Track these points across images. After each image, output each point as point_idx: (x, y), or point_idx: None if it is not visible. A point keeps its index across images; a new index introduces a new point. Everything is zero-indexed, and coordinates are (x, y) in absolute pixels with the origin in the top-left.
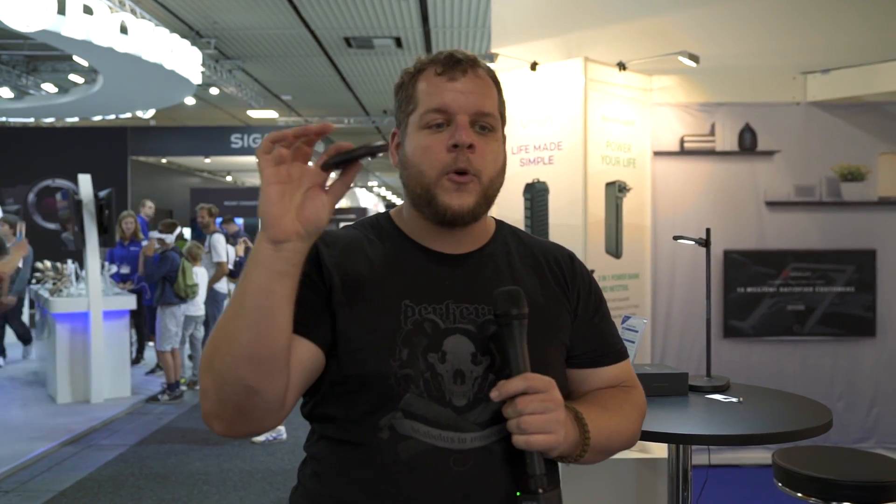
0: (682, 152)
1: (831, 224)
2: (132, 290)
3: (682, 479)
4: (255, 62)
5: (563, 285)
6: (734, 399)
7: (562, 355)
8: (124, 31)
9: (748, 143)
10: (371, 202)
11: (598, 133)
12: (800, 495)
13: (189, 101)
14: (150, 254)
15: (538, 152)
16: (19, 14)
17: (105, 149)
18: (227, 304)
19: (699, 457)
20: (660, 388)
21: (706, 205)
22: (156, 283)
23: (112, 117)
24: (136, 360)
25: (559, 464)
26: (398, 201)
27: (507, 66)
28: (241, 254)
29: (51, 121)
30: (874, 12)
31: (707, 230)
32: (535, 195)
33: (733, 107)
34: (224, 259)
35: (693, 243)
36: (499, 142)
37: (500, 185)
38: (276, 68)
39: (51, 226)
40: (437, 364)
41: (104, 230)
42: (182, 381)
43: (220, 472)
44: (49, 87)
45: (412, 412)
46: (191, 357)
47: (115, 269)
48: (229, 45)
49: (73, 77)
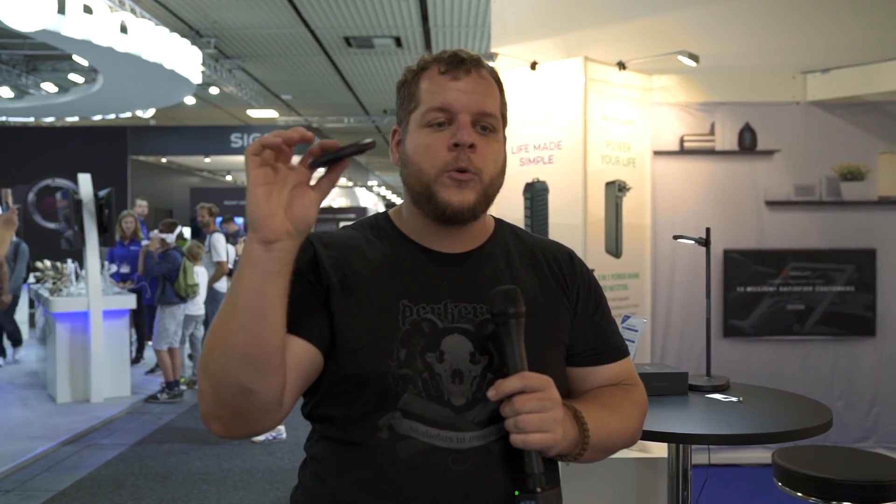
0: (682, 152)
1: (831, 223)
2: (132, 290)
3: (682, 478)
4: (254, 62)
5: (563, 284)
6: (734, 398)
7: (561, 354)
8: (124, 30)
9: (748, 143)
10: (371, 201)
11: (598, 132)
12: (800, 495)
13: (189, 100)
14: (153, 250)
15: (538, 152)
16: (19, 13)
17: (105, 148)
18: (222, 305)
19: (699, 456)
20: (660, 387)
21: (706, 204)
22: (157, 281)
23: (112, 117)
24: (136, 359)
25: (559, 463)
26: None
27: (507, 65)
28: (240, 253)
29: (51, 120)
30: (874, 12)
31: (707, 230)
32: (535, 195)
33: (733, 106)
34: (224, 258)
35: (693, 243)
36: (499, 142)
37: (499, 185)
38: (276, 68)
39: (50, 225)
40: (436, 364)
41: (104, 230)
42: (182, 380)
43: (220, 472)
44: (49, 87)
45: (411, 412)
46: (191, 356)
47: (114, 268)
48: (229, 45)
49: (73, 76)
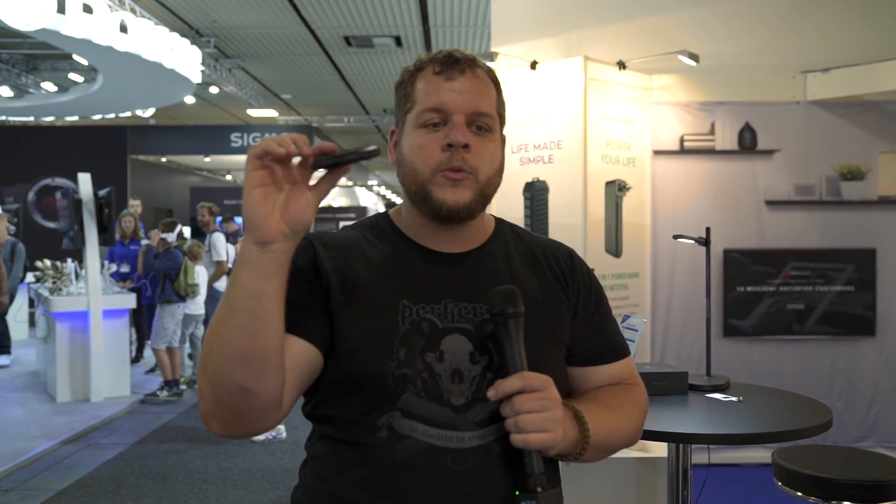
0: (682, 151)
1: (831, 223)
2: (132, 289)
3: (682, 478)
4: (254, 61)
5: (563, 283)
6: (734, 398)
7: (561, 353)
8: (124, 29)
9: (748, 142)
10: (371, 201)
11: (598, 132)
12: (800, 494)
13: (189, 99)
14: (158, 249)
15: (538, 151)
16: (19, 13)
17: (105, 147)
18: (219, 305)
19: (699, 456)
20: (660, 387)
21: (706, 204)
22: (157, 279)
23: (112, 116)
24: (136, 358)
25: (559, 462)
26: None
27: (507, 64)
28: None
29: (50, 120)
30: (874, 11)
31: (707, 229)
32: (535, 194)
33: (733, 106)
34: (224, 258)
35: (693, 242)
36: (496, 142)
37: (497, 185)
38: (276, 67)
39: (50, 224)
40: (435, 363)
41: (104, 229)
42: (182, 379)
43: (220, 471)
44: (49, 86)
45: (410, 411)
46: (191, 356)
47: (114, 267)
48: (229, 44)
49: (72, 76)
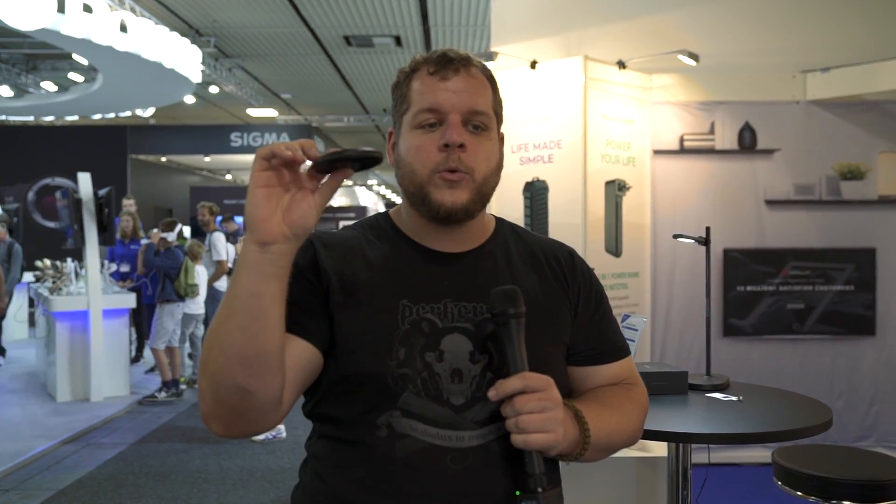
0: (682, 151)
1: (831, 223)
2: (131, 288)
3: (682, 477)
4: (254, 60)
5: (564, 283)
6: (734, 398)
7: (562, 353)
8: (124, 29)
9: (748, 142)
10: (371, 200)
11: (598, 131)
12: (799, 494)
13: (189, 99)
14: (158, 248)
15: (538, 151)
16: (19, 12)
17: (105, 147)
18: (220, 305)
19: (699, 455)
20: (659, 386)
21: (706, 203)
22: (157, 278)
23: (112, 116)
24: (136, 358)
25: (560, 462)
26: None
27: (507, 64)
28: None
29: (50, 119)
30: (874, 11)
31: (707, 229)
32: (535, 194)
33: (733, 105)
34: (224, 257)
35: (693, 242)
36: (492, 141)
37: (494, 183)
38: (276, 67)
39: (50, 224)
40: (435, 363)
41: (104, 229)
42: (182, 379)
43: (220, 471)
44: (49, 86)
45: (410, 411)
46: (191, 356)
47: (114, 267)
48: (229, 44)
49: (72, 75)
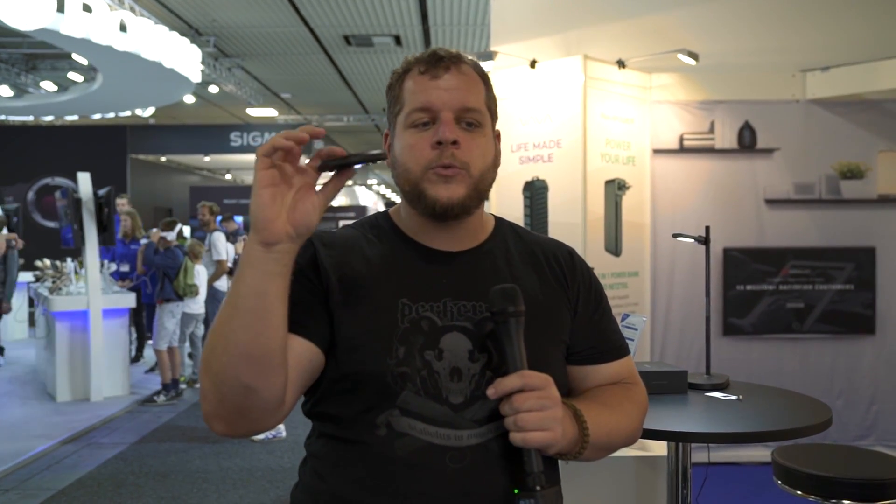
0: (682, 150)
1: (831, 222)
2: (131, 288)
3: (682, 476)
4: (254, 60)
5: (563, 282)
6: (733, 397)
7: (561, 353)
8: (123, 29)
9: (747, 141)
10: (371, 200)
11: (598, 131)
12: (799, 493)
13: (188, 99)
14: (158, 246)
15: (537, 150)
16: (18, 12)
17: (104, 147)
18: (223, 304)
19: (699, 455)
20: (659, 385)
21: (705, 202)
22: (156, 277)
23: (111, 115)
24: (136, 358)
25: (559, 461)
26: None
27: (507, 63)
28: (240, 252)
29: (50, 119)
30: (874, 10)
31: (706, 228)
32: (535, 193)
33: (733, 104)
34: (224, 257)
35: (692, 241)
36: (487, 137)
37: (491, 179)
38: (276, 66)
39: (50, 224)
40: (434, 362)
41: (103, 228)
42: (182, 379)
43: (220, 471)
44: (48, 86)
45: (409, 410)
46: (191, 355)
47: (114, 267)
48: (229, 43)
49: (72, 75)
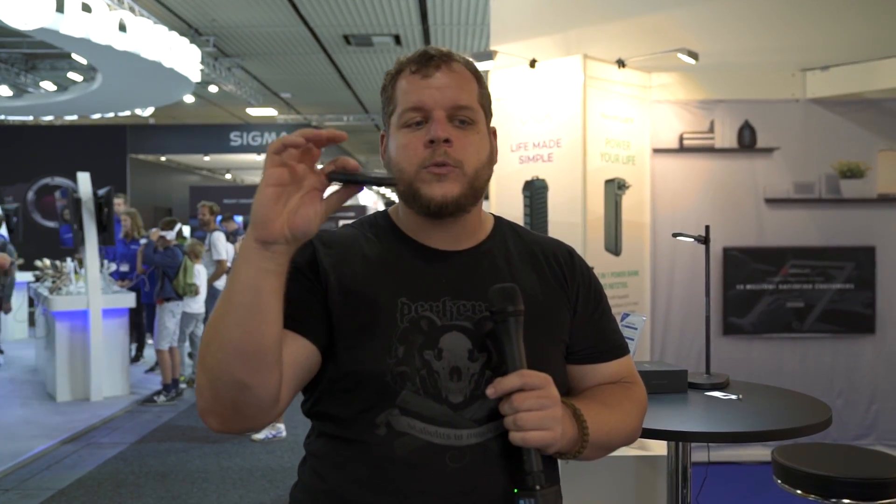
0: (682, 149)
1: (831, 221)
2: (130, 288)
3: (682, 476)
4: (254, 60)
5: (563, 281)
6: (733, 396)
7: (561, 352)
8: (123, 28)
9: (747, 140)
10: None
11: (598, 130)
12: (799, 492)
13: (188, 98)
14: (157, 246)
15: (537, 149)
16: (18, 12)
17: (104, 147)
18: (219, 300)
19: (698, 454)
20: (659, 385)
21: (705, 202)
22: (156, 276)
23: (111, 115)
24: (136, 357)
25: (558, 460)
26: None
27: (506, 63)
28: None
29: (50, 119)
30: (873, 9)
31: (706, 227)
32: (535, 192)
33: (732, 104)
34: (224, 257)
35: (692, 240)
36: (481, 134)
37: (487, 176)
38: (276, 66)
39: (50, 224)
40: (434, 361)
41: (103, 228)
42: (182, 378)
43: (220, 470)
44: (48, 85)
45: (408, 409)
46: (191, 355)
47: (114, 266)
48: (228, 43)
49: (71, 75)
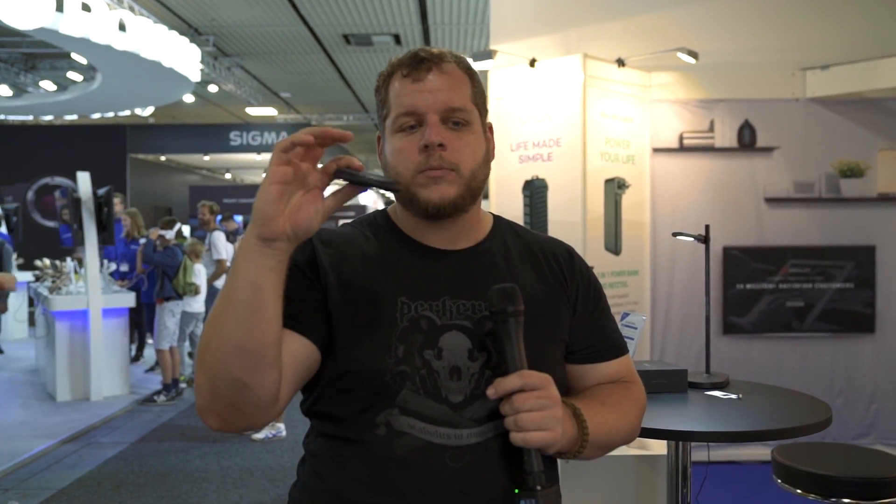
0: (681, 149)
1: (830, 220)
2: (130, 287)
3: (682, 475)
4: (253, 59)
5: (562, 281)
6: (733, 396)
7: (560, 352)
8: (122, 28)
9: (747, 140)
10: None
11: (597, 130)
12: (799, 492)
13: (188, 98)
14: (157, 245)
15: (537, 149)
16: (18, 11)
17: (104, 146)
18: (218, 297)
19: (698, 453)
20: (659, 384)
21: (705, 201)
22: (155, 275)
23: (111, 115)
24: (136, 357)
25: (558, 460)
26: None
27: (506, 62)
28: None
29: (49, 118)
30: (873, 8)
31: (706, 227)
32: (535, 192)
33: (732, 103)
34: (224, 256)
35: (692, 240)
36: (476, 134)
37: (484, 176)
38: (275, 65)
39: (50, 223)
40: (434, 361)
41: (103, 228)
42: (182, 378)
43: (220, 470)
44: (48, 85)
45: (408, 409)
46: (191, 354)
47: (114, 266)
48: (228, 43)
49: (71, 75)
